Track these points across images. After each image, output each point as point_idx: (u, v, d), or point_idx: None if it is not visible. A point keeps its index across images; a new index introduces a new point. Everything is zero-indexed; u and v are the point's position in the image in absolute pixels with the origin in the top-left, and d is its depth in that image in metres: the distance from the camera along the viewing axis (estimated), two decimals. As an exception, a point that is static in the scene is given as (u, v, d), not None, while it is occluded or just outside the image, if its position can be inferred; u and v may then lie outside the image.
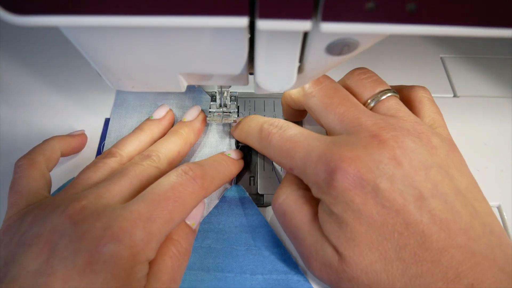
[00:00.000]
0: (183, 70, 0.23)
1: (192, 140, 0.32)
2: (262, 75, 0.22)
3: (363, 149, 0.22)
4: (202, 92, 0.38)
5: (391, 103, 0.26)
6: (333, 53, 0.20)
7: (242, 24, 0.16)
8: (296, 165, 0.25)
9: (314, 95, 0.26)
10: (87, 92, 0.39)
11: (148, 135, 0.31)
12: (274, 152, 0.26)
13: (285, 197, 0.26)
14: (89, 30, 0.19)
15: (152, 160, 0.27)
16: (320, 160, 0.23)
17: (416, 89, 0.28)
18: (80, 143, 0.33)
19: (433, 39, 0.45)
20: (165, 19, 0.16)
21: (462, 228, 0.21)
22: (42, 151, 0.28)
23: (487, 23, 0.16)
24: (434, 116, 0.27)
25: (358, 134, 0.23)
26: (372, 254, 0.21)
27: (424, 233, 0.21)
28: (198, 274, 0.28)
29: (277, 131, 0.26)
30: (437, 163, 0.23)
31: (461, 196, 0.22)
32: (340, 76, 0.29)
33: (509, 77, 0.42)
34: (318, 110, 0.26)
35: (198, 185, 0.25)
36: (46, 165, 0.28)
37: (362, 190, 0.22)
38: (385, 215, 0.21)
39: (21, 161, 0.27)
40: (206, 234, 0.30)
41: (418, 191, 0.21)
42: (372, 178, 0.22)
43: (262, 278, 0.28)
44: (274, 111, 0.38)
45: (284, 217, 0.26)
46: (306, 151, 0.24)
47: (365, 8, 0.16)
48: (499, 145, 0.36)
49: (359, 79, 0.27)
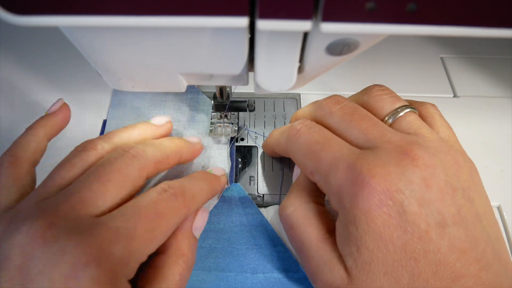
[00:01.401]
0: (184, 70, 0.23)
1: (184, 157, 0.30)
2: (262, 75, 0.22)
3: (395, 166, 0.21)
4: (199, 93, 0.38)
5: (412, 118, 0.25)
6: (333, 53, 0.20)
7: (242, 24, 0.16)
8: (320, 169, 0.23)
9: (335, 114, 0.25)
10: (87, 92, 0.39)
11: (140, 134, 0.29)
12: (300, 151, 0.25)
13: (293, 209, 0.25)
14: (89, 30, 0.19)
15: (135, 152, 0.25)
16: (349, 170, 0.22)
17: (427, 105, 0.28)
18: (65, 119, 0.29)
19: (433, 39, 0.45)
20: (165, 19, 0.16)
21: (476, 258, 0.21)
22: (25, 145, 0.26)
23: (487, 23, 0.16)
24: (448, 132, 0.26)
25: (388, 149, 0.22)
26: (386, 279, 0.21)
27: (440, 262, 0.20)
28: (199, 274, 0.28)
29: (307, 130, 0.25)
30: (462, 185, 0.22)
31: (478, 222, 0.22)
32: (340, 75, 0.29)
33: (509, 77, 0.42)
34: (339, 127, 0.25)
35: (179, 202, 0.24)
36: (31, 161, 0.26)
37: (386, 212, 0.21)
38: (405, 240, 0.20)
39: (2, 159, 0.25)
40: (206, 234, 0.30)
41: (442, 217, 0.21)
42: (400, 199, 0.21)
43: (263, 277, 0.28)
44: (274, 111, 0.38)
45: (291, 230, 0.25)
46: (334, 157, 0.23)
47: (365, 8, 0.16)
48: (499, 145, 0.36)
49: (378, 94, 0.26)
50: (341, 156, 0.23)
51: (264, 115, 0.37)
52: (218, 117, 0.35)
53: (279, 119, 0.37)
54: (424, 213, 0.21)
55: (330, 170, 0.23)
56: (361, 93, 0.28)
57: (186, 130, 0.36)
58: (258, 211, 0.31)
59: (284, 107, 0.38)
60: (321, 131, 0.25)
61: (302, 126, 0.26)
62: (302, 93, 0.39)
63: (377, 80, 0.41)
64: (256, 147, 0.35)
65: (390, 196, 0.21)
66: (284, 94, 0.39)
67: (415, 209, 0.21)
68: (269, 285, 0.27)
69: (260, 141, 0.35)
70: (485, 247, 0.21)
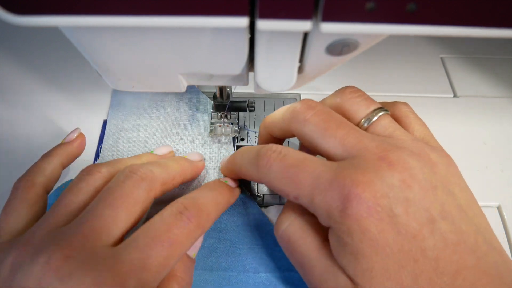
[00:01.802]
0: (184, 70, 0.23)
1: (188, 176, 0.30)
2: (262, 75, 0.22)
3: (374, 172, 0.21)
4: (199, 93, 0.38)
5: (386, 121, 0.25)
6: (333, 53, 0.20)
7: (242, 24, 0.16)
8: (302, 194, 0.23)
9: (310, 121, 0.25)
10: (87, 92, 0.39)
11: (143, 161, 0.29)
12: (276, 180, 0.24)
13: (289, 224, 0.25)
14: (89, 30, 0.20)
15: (143, 174, 0.25)
16: (331, 187, 0.22)
17: (400, 105, 0.28)
18: (80, 148, 0.31)
19: (433, 39, 0.45)
20: (165, 19, 0.16)
21: (470, 248, 0.21)
22: (42, 171, 0.27)
23: (487, 23, 0.16)
24: (423, 130, 0.26)
25: (364, 157, 0.22)
26: (390, 283, 0.21)
27: (438, 258, 0.20)
28: (201, 274, 0.28)
29: (276, 156, 0.24)
30: (440, 181, 0.22)
31: (464, 214, 0.22)
32: (340, 75, 0.29)
33: (509, 77, 0.42)
34: (315, 136, 0.25)
35: (193, 224, 0.23)
36: (45, 187, 0.26)
37: (377, 217, 0.21)
38: (401, 242, 0.21)
39: (19, 183, 0.26)
40: (208, 233, 0.30)
41: (429, 213, 0.21)
42: (387, 203, 0.21)
43: (265, 276, 0.28)
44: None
45: (289, 245, 0.25)
46: (313, 177, 0.22)
47: (365, 8, 0.16)
48: (499, 145, 0.36)
49: (351, 97, 0.26)
50: (319, 174, 0.22)
51: (264, 115, 0.37)
52: (218, 117, 0.35)
53: (279, 119, 0.37)
54: (412, 213, 0.21)
55: (313, 192, 0.22)
56: (334, 96, 0.27)
57: (186, 129, 0.36)
58: (260, 211, 0.31)
59: (284, 107, 0.38)
60: (292, 153, 0.24)
61: (271, 152, 0.25)
62: (302, 93, 0.39)
63: (377, 80, 0.41)
64: (256, 147, 0.35)
65: (377, 202, 0.21)
66: (284, 94, 0.39)
67: (403, 210, 0.21)
68: (271, 284, 0.27)
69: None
70: (476, 237, 0.22)
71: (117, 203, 0.23)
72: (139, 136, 0.35)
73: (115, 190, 0.24)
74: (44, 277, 0.20)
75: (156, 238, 0.22)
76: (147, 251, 0.21)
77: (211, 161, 0.34)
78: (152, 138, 0.35)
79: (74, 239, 0.21)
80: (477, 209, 0.24)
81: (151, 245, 0.21)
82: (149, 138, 0.35)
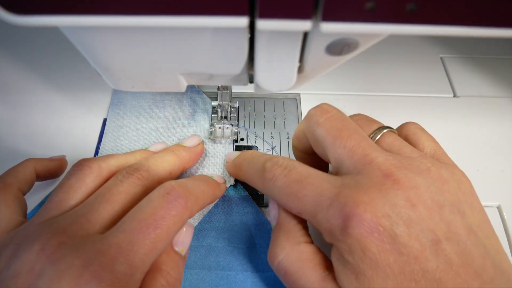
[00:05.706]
0: (183, 70, 0.23)
1: (186, 165, 0.30)
2: (262, 75, 0.22)
3: (377, 191, 0.21)
4: (199, 93, 0.38)
5: (391, 139, 0.25)
6: (333, 53, 0.20)
7: (242, 24, 0.16)
8: (305, 210, 0.23)
9: (322, 125, 0.25)
10: (87, 92, 0.39)
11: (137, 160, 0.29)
12: (280, 195, 0.24)
13: (285, 255, 0.24)
14: (89, 30, 0.20)
15: (140, 175, 0.25)
16: (333, 205, 0.22)
17: (407, 124, 0.27)
18: (58, 167, 0.31)
19: (433, 39, 0.45)
20: (165, 19, 0.16)
21: (475, 272, 0.20)
22: (15, 173, 0.27)
23: (487, 23, 0.16)
24: (433, 145, 0.26)
25: (369, 174, 0.22)
26: None
27: (440, 280, 0.20)
28: (199, 273, 0.28)
29: (281, 171, 0.24)
30: (449, 200, 0.22)
31: (473, 235, 0.21)
32: (340, 75, 0.29)
33: (509, 77, 0.42)
34: (325, 142, 0.25)
35: (181, 205, 0.23)
36: (19, 188, 0.27)
37: (378, 237, 0.21)
38: (402, 263, 0.20)
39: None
40: (206, 233, 0.30)
41: (433, 234, 0.21)
42: (388, 224, 0.21)
43: (264, 275, 0.28)
44: (274, 111, 0.38)
45: (287, 277, 0.24)
46: (316, 194, 0.22)
47: (365, 8, 0.16)
48: (499, 145, 0.36)
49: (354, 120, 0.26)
50: (322, 191, 0.22)
51: (264, 115, 0.37)
52: (218, 119, 0.35)
53: (279, 119, 0.37)
54: (415, 233, 0.20)
55: (315, 209, 0.22)
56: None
57: (186, 129, 0.36)
58: (258, 210, 0.31)
59: (284, 107, 0.38)
60: (297, 168, 0.24)
61: (277, 167, 0.25)
62: (302, 93, 0.39)
63: (377, 80, 0.41)
64: (256, 147, 0.35)
65: (378, 222, 0.21)
66: (284, 94, 0.39)
67: (405, 230, 0.20)
68: (269, 283, 0.27)
69: (260, 141, 0.35)
70: (484, 260, 0.21)
71: (114, 199, 0.24)
72: (139, 134, 0.35)
73: (113, 188, 0.24)
74: (37, 262, 0.20)
75: (143, 220, 0.22)
76: (134, 234, 0.21)
77: (211, 161, 0.34)
78: (152, 137, 0.35)
79: (69, 228, 0.22)
80: (489, 230, 0.23)
81: (138, 228, 0.22)
82: (148, 137, 0.35)
